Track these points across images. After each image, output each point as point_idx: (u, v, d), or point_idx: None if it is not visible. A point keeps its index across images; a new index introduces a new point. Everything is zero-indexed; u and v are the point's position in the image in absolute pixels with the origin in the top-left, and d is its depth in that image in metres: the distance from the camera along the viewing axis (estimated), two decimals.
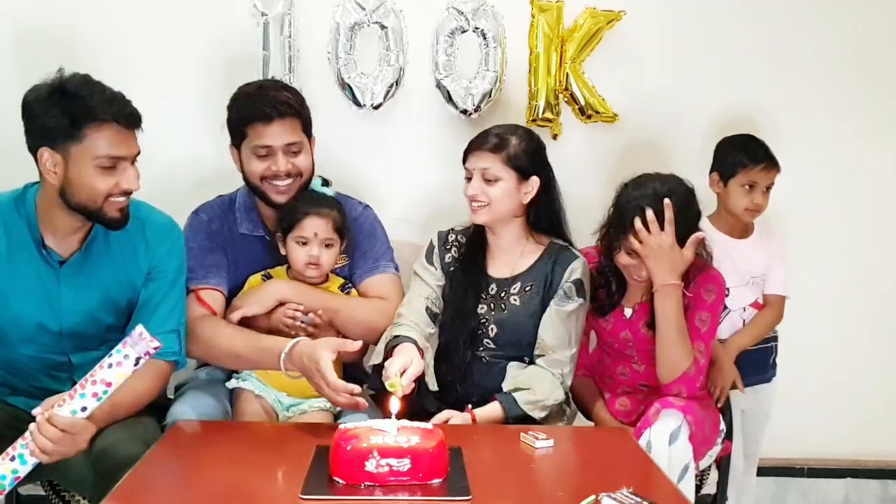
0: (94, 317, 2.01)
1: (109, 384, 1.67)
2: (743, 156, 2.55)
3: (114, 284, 2.02)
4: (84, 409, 1.68)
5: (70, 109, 1.84)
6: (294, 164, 2.22)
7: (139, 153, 1.94)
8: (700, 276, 2.22)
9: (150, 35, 2.72)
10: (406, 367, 1.94)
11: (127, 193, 1.92)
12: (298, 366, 1.99)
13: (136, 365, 1.68)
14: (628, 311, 2.28)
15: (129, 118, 1.90)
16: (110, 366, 1.67)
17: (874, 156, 2.95)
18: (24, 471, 1.70)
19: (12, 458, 1.69)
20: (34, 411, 1.71)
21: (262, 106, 2.19)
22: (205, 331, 2.13)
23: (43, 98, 1.86)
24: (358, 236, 2.35)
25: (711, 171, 2.61)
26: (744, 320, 2.62)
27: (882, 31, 2.90)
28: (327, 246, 2.22)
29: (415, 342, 2.10)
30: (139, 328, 1.69)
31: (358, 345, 2.03)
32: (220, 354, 2.15)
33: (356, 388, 1.93)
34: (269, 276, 2.26)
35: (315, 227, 2.19)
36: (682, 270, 2.15)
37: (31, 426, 1.69)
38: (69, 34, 2.69)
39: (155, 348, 1.68)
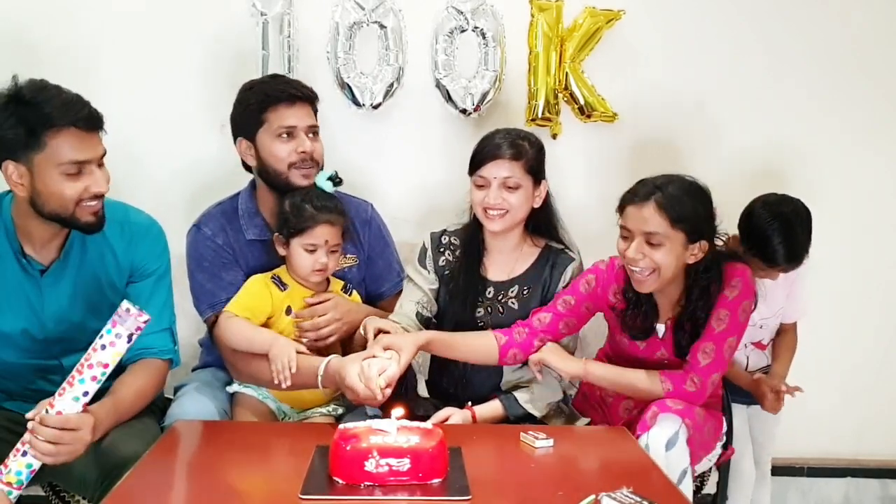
0: (78, 323, 1.97)
1: (106, 365, 1.67)
2: (763, 254, 2.34)
3: (95, 289, 1.99)
4: (86, 393, 1.68)
5: (26, 118, 1.78)
6: (315, 148, 2.22)
7: (105, 154, 1.89)
8: (726, 272, 2.10)
9: (149, 35, 2.72)
10: (384, 370, 1.93)
11: (97, 197, 1.88)
12: (333, 383, 2.02)
13: (129, 342, 1.66)
14: (661, 329, 2.17)
15: (88, 120, 1.83)
16: (104, 347, 1.66)
17: (874, 154, 2.95)
18: (37, 464, 1.70)
19: (24, 454, 1.69)
20: (28, 415, 1.70)
21: (283, 87, 2.20)
22: (244, 366, 2.14)
23: None
24: (378, 242, 2.37)
25: (739, 229, 2.41)
26: (747, 357, 2.56)
27: (881, 31, 2.89)
28: (333, 251, 2.16)
29: None
30: (124, 304, 1.66)
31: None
32: (266, 384, 2.14)
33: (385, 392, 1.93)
34: (278, 279, 2.19)
35: (326, 234, 2.13)
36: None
37: (27, 435, 1.68)
38: (64, 34, 2.69)
39: (144, 322, 1.67)
